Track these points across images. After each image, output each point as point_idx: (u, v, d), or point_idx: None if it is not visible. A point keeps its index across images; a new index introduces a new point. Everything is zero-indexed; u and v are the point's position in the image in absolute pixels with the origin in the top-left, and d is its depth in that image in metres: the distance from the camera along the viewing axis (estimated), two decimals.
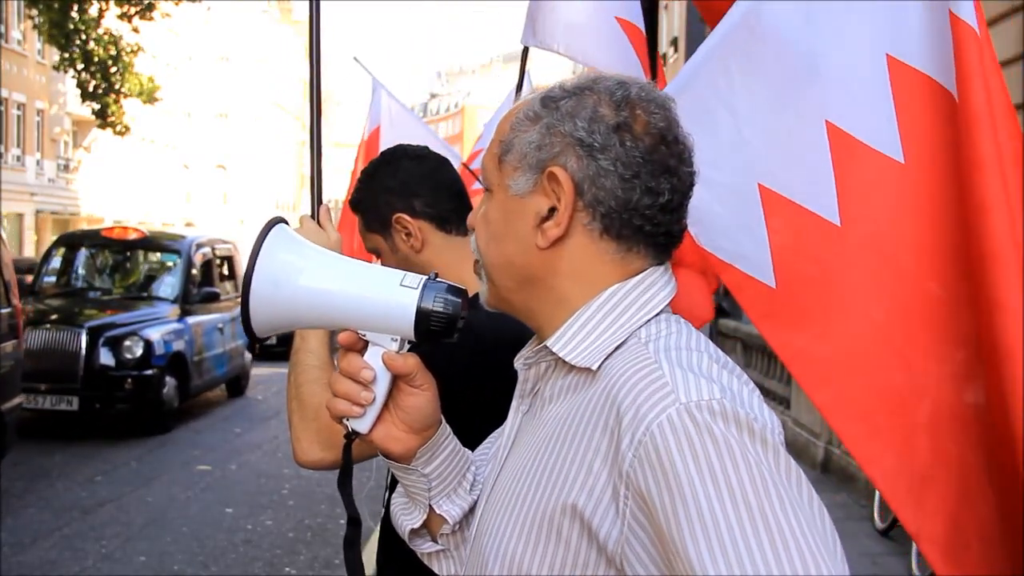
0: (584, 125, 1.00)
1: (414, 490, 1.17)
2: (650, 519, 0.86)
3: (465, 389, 1.44)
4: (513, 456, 1.08)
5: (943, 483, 1.83)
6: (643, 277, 1.02)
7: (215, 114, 47.93)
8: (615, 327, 1.00)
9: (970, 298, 1.80)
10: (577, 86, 1.03)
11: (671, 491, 0.83)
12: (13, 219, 29.21)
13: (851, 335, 1.91)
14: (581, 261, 1.02)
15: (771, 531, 0.80)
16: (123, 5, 17.05)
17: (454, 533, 1.20)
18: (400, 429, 1.11)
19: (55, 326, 9.05)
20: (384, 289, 1.06)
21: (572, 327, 1.01)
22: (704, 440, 0.84)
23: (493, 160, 1.07)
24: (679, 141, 1.03)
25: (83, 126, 32.62)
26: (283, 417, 1.61)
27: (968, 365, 1.82)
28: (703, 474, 0.83)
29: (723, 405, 0.86)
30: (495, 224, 1.06)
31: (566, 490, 0.93)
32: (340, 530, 1.17)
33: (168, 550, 5.73)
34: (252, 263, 1.06)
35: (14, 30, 28.61)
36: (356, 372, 1.07)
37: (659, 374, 0.90)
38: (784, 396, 8.67)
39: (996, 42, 6.65)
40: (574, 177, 1.00)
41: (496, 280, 1.07)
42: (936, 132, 1.88)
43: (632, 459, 0.87)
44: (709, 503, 0.81)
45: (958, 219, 1.83)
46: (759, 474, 0.83)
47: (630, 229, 1.01)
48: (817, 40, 1.99)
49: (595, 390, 0.97)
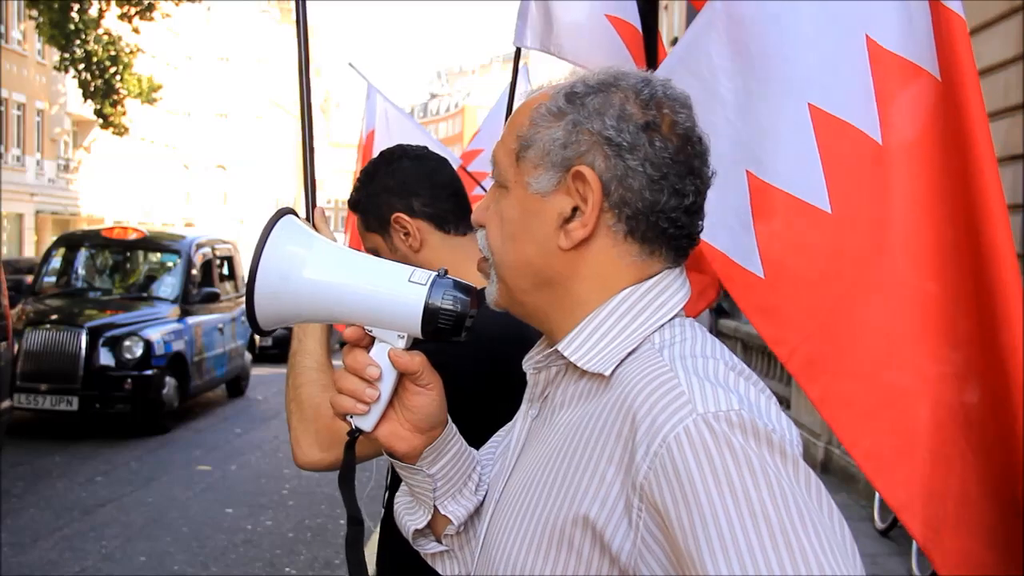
0: (613, 123, 0.96)
1: (419, 490, 1.15)
2: (665, 532, 0.83)
3: (470, 390, 1.44)
4: (523, 463, 1.05)
5: (940, 478, 1.82)
6: (658, 280, 0.99)
7: (215, 114, 47.92)
8: (628, 332, 0.97)
9: (967, 293, 1.79)
10: (601, 82, 0.99)
11: (688, 505, 0.81)
12: (13, 219, 29.21)
13: (844, 330, 1.89)
14: (602, 263, 0.99)
15: (791, 548, 0.78)
16: (123, 5, 17.05)
17: (459, 534, 1.18)
18: (405, 428, 1.09)
19: (55, 326, 9.02)
20: (392, 284, 1.04)
21: (584, 331, 0.98)
22: (723, 453, 0.81)
23: (509, 156, 1.02)
24: (701, 141, 1.00)
25: (83, 126, 32.63)
26: (283, 417, 1.61)
27: (965, 363, 1.81)
28: (722, 488, 0.80)
29: (741, 416, 0.84)
30: (511, 223, 1.02)
31: (578, 501, 0.91)
32: (340, 530, 1.16)
33: (168, 550, 5.72)
34: (258, 254, 1.04)
35: (14, 30, 28.59)
36: (362, 369, 1.05)
37: (675, 383, 0.87)
38: (784, 396, 8.66)
39: (996, 42, 6.64)
40: (601, 177, 0.96)
41: (509, 280, 1.03)
42: (917, 114, 1.86)
43: (647, 471, 0.84)
44: (728, 518, 0.79)
45: (946, 204, 1.82)
46: (779, 488, 0.80)
47: (655, 231, 0.98)
48: (796, 23, 1.97)
49: (608, 398, 0.94)
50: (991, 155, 1.76)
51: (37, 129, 31.19)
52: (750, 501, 0.79)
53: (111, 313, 9.63)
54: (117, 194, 35.95)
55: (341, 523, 6.57)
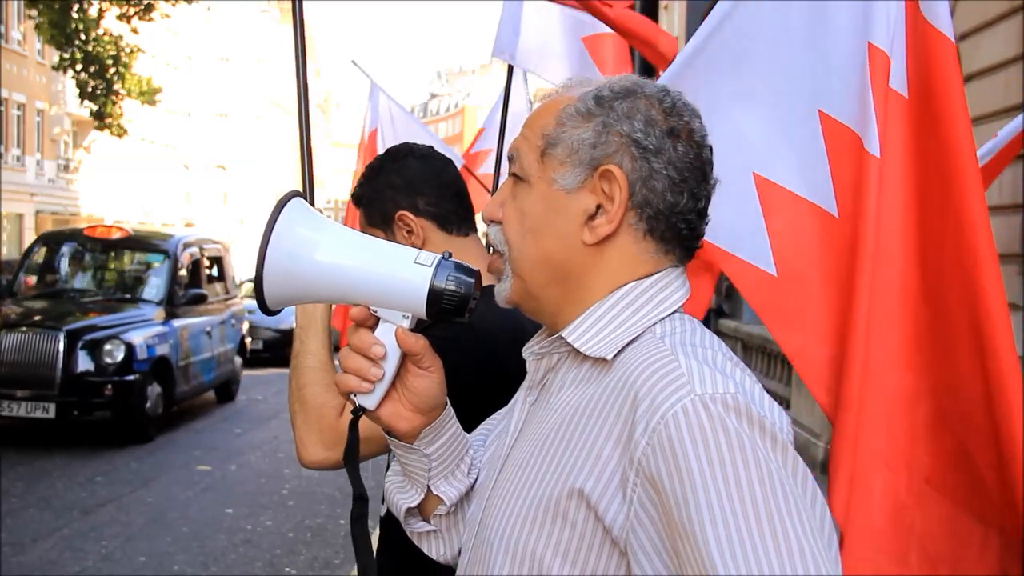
0: (641, 127, 1.02)
1: (413, 469, 1.19)
2: (659, 504, 0.88)
3: (472, 385, 1.45)
4: (520, 443, 1.09)
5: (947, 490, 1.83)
6: (661, 276, 1.04)
7: (215, 114, 47.94)
8: (631, 321, 1.02)
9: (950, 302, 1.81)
10: (625, 88, 1.05)
11: (681, 478, 0.85)
12: (13, 219, 29.22)
13: (850, 335, 1.90)
14: (619, 259, 1.04)
15: (774, 529, 0.82)
16: (122, 6, 17.04)
17: (448, 515, 1.22)
18: (407, 409, 1.12)
19: (31, 329, 8.57)
20: (398, 266, 1.06)
21: (588, 319, 1.03)
22: (717, 432, 0.86)
23: (534, 152, 1.06)
24: (711, 149, 1.07)
25: (83, 126, 32.61)
26: (283, 417, 1.61)
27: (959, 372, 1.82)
28: (713, 466, 0.84)
29: (736, 400, 0.88)
30: (533, 217, 1.06)
31: (573, 475, 0.95)
32: (340, 530, 1.16)
33: (168, 550, 5.73)
34: (267, 235, 1.07)
35: (14, 30, 28.60)
36: (367, 348, 1.08)
37: (675, 365, 0.92)
38: (784, 396, 8.67)
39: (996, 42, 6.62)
40: (628, 177, 1.01)
41: (527, 275, 1.07)
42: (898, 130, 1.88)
43: (645, 446, 0.89)
44: (718, 494, 0.83)
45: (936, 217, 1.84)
46: (767, 471, 0.85)
47: (672, 231, 1.04)
48: (804, 29, 1.98)
49: (610, 380, 0.98)
50: (973, 163, 1.79)
51: (37, 129, 31.19)
52: (739, 479, 0.84)
53: (92, 315, 9.21)
54: (117, 194, 35.97)
55: (341, 523, 6.57)
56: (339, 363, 1.13)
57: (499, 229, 1.09)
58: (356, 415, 1.12)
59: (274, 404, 11.42)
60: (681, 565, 0.85)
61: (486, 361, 1.57)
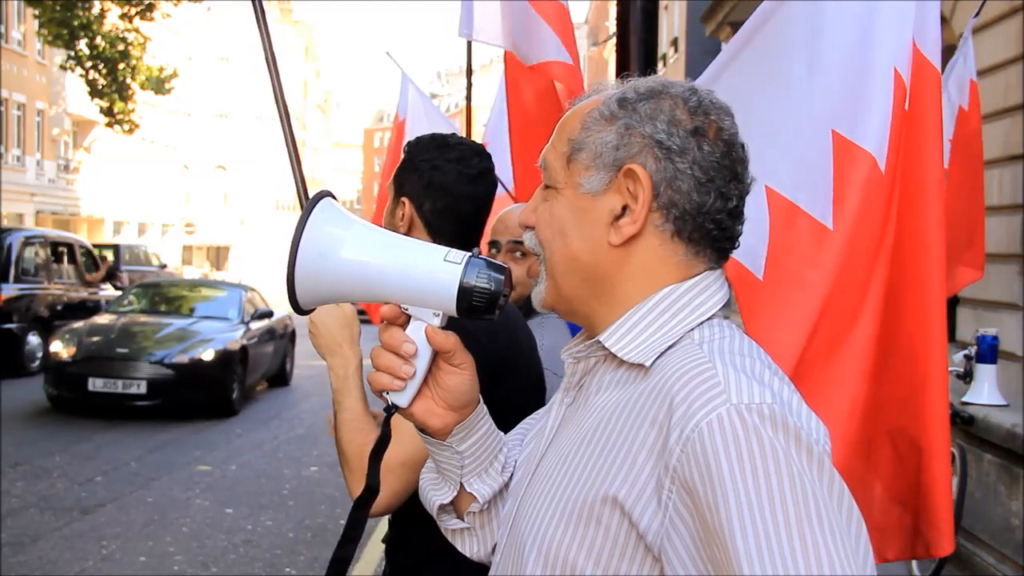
0: (663, 128, 1.01)
1: (446, 466, 1.20)
2: (694, 511, 0.87)
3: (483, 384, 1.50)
4: (556, 444, 1.09)
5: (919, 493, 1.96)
6: (699, 279, 1.03)
7: (215, 114, 47.97)
8: (669, 326, 1.01)
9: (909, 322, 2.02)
10: (650, 89, 1.05)
11: (714, 487, 0.85)
12: (13, 219, 29.18)
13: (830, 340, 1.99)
14: (649, 261, 1.03)
15: (804, 541, 0.81)
16: (123, 5, 17.00)
17: (481, 512, 1.22)
18: (439, 406, 1.13)
19: None
20: (428, 263, 1.07)
21: (626, 324, 1.02)
22: (751, 442, 0.85)
23: (561, 159, 1.07)
24: (743, 148, 1.06)
25: (83, 126, 32.65)
26: (283, 417, 1.62)
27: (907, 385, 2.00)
28: (746, 476, 0.84)
29: (772, 410, 0.87)
30: (562, 221, 1.06)
31: (608, 481, 0.95)
32: (340, 531, 1.17)
33: (168, 550, 5.72)
34: (298, 235, 1.07)
35: (14, 30, 28.58)
36: (398, 345, 1.08)
37: (712, 373, 0.91)
38: None
39: (996, 42, 6.64)
40: (652, 177, 1.01)
41: (559, 277, 1.07)
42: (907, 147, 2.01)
43: (680, 454, 0.88)
44: (749, 505, 0.83)
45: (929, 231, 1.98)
46: (800, 485, 0.84)
47: (701, 232, 1.02)
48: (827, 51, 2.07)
49: (647, 385, 0.98)
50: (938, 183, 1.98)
51: (37, 129, 31.20)
52: (771, 491, 0.83)
53: None
54: (117, 194, 35.98)
55: (341, 523, 6.55)
56: (370, 361, 1.14)
57: (533, 233, 1.10)
58: (389, 412, 1.13)
59: (274, 404, 11.42)
60: (716, 571, 0.86)
61: (503, 364, 1.59)
